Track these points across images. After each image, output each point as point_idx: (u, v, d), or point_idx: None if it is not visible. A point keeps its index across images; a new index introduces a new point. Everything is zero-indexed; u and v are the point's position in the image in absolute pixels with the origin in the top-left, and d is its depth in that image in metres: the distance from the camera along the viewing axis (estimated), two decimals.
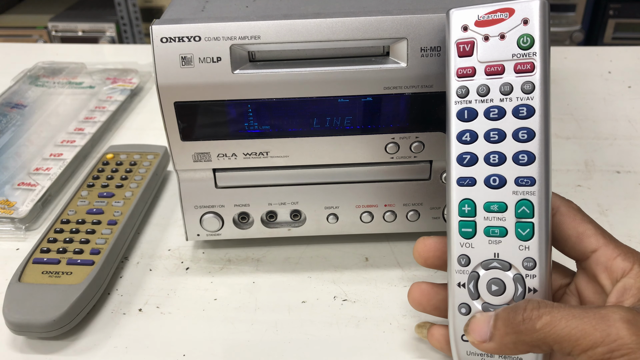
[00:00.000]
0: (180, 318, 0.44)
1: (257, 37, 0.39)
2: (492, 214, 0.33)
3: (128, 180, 0.53)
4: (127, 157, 0.56)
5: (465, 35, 0.33)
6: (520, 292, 0.32)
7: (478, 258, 0.33)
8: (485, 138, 0.33)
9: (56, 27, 1.78)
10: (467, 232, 0.33)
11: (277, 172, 0.44)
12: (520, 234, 0.32)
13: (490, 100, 0.32)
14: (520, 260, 0.32)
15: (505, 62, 0.32)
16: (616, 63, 0.79)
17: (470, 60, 0.33)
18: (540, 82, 0.32)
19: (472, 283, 0.33)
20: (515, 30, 0.32)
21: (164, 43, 0.39)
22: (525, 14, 0.32)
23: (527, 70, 0.32)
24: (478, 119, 0.33)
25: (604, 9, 1.73)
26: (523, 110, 0.32)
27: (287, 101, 0.41)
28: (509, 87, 0.32)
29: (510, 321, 0.29)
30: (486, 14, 0.33)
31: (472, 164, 0.33)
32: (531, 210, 0.32)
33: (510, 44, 0.32)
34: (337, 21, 0.39)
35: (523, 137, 0.32)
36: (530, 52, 0.32)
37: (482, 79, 0.33)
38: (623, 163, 0.59)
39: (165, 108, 0.41)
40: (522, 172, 0.32)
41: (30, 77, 0.76)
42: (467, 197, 0.33)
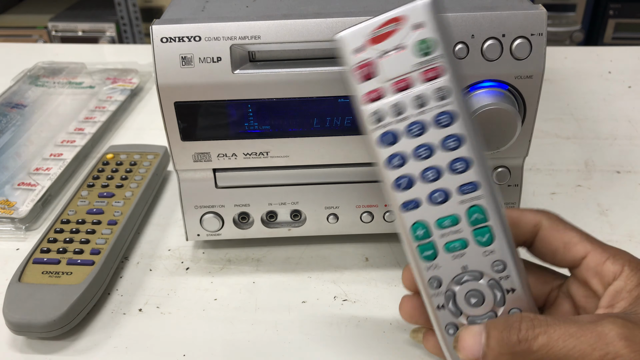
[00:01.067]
0: (180, 318, 0.44)
1: (257, 37, 0.39)
2: (447, 229, 0.31)
3: (128, 180, 0.53)
4: (127, 157, 0.56)
5: (361, 57, 0.30)
6: (500, 297, 0.32)
7: (448, 276, 0.32)
8: (415, 156, 0.31)
9: (56, 27, 1.78)
10: (429, 255, 0.32)
11: (277, 172, 0.44)
12: (480, 241, 0.31)
13: (407, 117, 0.31)
14: (489, 265, 0.32)
15: (411, 74, 0.30)
16: (616, 63, 0.79)
17: (375, 81, 0.31)
18: (453, 84, 0.30)
19: (451, 302, 0.32)
20: (412, 39, 0.30)
21: (164, 43, 0.39)
22: (416, 19, 0.30)
23: (436, 76, 0.30)
24: (401, 139, 0.31)
25: (604, 9, 1.73)
26: (444, 118, 0.30)
27: (287, 101, 0.41)
28: (422, 99, 0.30)
29: (505, 341, 0.29)
30: (376, 29, 0.30)
31: (410, 186, 0.31)
32: (483, 214, 0.31)
33: (410, 54, 0.30)
34: (337, 21, 0.39)
35: (453, 145, 0.30)
36: (434, 57, 0.30)
37: (393, 98, 0.31)
38: (623, 163, 0.59)
39: (165, 108, 0.41)
40: (463, 180, 0.31)
41: (30, 77, 0.76)
42: (417, 220, 0.32)
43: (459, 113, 0.30)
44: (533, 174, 0.58)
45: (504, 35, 0.39)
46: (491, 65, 0.39)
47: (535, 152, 0.60)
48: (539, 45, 0.39)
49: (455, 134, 0.30)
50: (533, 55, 0.39)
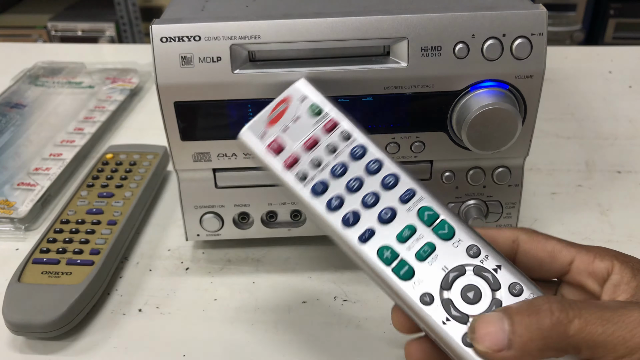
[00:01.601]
0: (180, 318, 0.44)
1: (257, 37, 0.39)
2: (410, 240, 0.31)
3: (128, 180, 0.53)
4: (127, 157, 0.56)
5: (267, 139, 0.34)
6: (492, 278, 0.31)
7: (435, 285, 0.31)
8: (350, 191, 0.33)
9: (55, 26, 1.78)
10: (407, 272, 0.31)
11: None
12: (443, 235, 0.31)
13: (327, 164, 0.33)
14: (464, 254, 0.31)
15: (314, 132, 0.34)
16: (617, 63, 0.79)
17: (287, 151, 0.34)
18: (350, 126, 0.34)
19: (451, 310, 0.30)
20: (303, 108, 0.35)
21: (163, 43, 0.39)
22: (299, 94, 0.35)
23: (334, 125, 0.34)
24: (331, 183, 0.33)
25: (604, 9, 1.73)
26: (357, 150, 0.33)
27: None
28: (332, 146, 0.34)
29: (536, 326, 0.27)
30: (271, 114, 0.35)
31: (358, 219, 0.32)
32: (432, 210, 0.32)
33: (307, 119, 0.35)
34: (337, 21, 0.39)
35: (376, 168, 0.33)
36: (325, 113, 0.35)
37: (308, 155, 0.34)
38: (624, 163, 0.59)
39: (165, 108, 0.41)
40: (399, 191, 0.32)
41: (30, 77, 0.76)
42: (378, 246, 0.32)
43: (367, 143, 0.34)
44: (533, 174, 0.58)
45: (504, 35, 0.38)
46: (491, 65, 0.39)
47: (536, 152, 0.60)
48: (540, 45, 0.39)
49: (373, 159, 0.33)
50: (533, 55, 0.39)
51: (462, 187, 0.45)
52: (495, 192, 0.45)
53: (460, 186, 0.45)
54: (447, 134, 0.42)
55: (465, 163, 0.44)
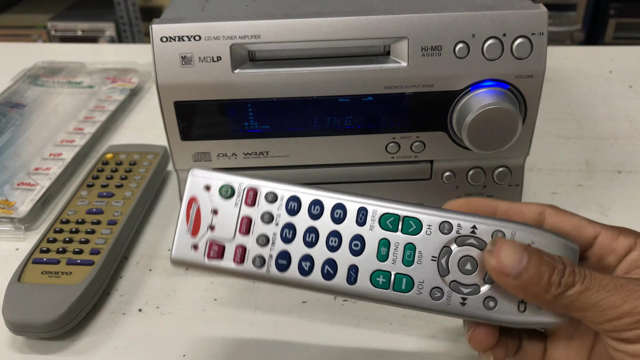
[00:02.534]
0: (180, 318, 0.43)
1: (257, 37, 0.39)
2: (390, 254, 0.31)
3: (128, 180, 0.53)
4: (127, 157, 0.56)
5: (204, 250, 0.32)
6: (474, 240, 0.31)
7: (436, 277, 0.31)
8: (311, 245, 0.32)
9: (55, 26, 1.78)
10: (408, 284, 0.31)
11: (277, 172, 0.44)
12: (414, 230, 0.31)
13: (274, 234, 0.32)
14: (441, 235, 0.31)
15: (241, 213, 0.32)
16: (617, 63, 0.79)
17: (229, 247, 0.32)
18: (269, 185, 0.32)
19: (461, 289, 0.31)
20: (214, 198, 0.32)
21: (163, 42, 0.39)
22: (200, 187, 0.32)
23: (254, 195, 0.32)
24: (290, 249, 0.32)
25: (604, 9, 1.73)
26: (291, 206, 0.32)
27: (287, 101, 0.40)
28: (266, 215, 0.32)
29: (545, 276, 0.28)
30: (188, 225, 0.32)
31: (335, 266, 0.32)
32: (391, 215, 0.32)
33: (225, 205, 0.32)
34: (337, 20, 0.39)
35: (317, 210, 0.32)
36: (238, 189, 0.32)
37: (251, 238, 0.32)
38: (624, 163, 0.59)
39: (165, 108, 0.41)
40: (352, 217, 0.32)
41: (30, 77, 0.76)
42: (369, 277, 0.31)
43: (295, 191, 0.32)
44: (534, 173, 0.58)
45: (504, 34, 0.38)
46: (492, 64, 0.39)
47: (536, 152, 0.60)
48: (540, 44, 0.39)
49: (310, 203, 0.32)
50: (534, 55, 0.39)
51: (462, 187, 0.45)
52: (496, 192, 0.45)
53: (460, 186, 0.45)
54: (447, 133, 0.42)
55: (466, 163, 0.44)
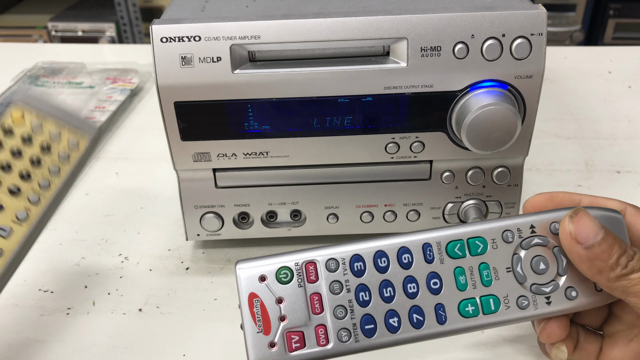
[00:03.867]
0: (180, 318, 0.44)
1: (257, 37, 0.39)
2: (469, 280, 0.31)
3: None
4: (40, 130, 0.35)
5: (283, 344, 0.30)
6: (537, 238, 0.32)
7: (516, 287, 0.32)
8: (389, 300, 0.31)
9: (56, 27, 1.78)
10: (495, 303, 0.31)
11: (277, 172, 0.44)
12: (482, 249, 0.31)
13: (350, 301, 0.30)
14: (506, 245, 0.32)
15: (308, 292, 0.31)
16: (616, 63, 0.79)
17: (308, 332, 0.30)
18: (325, 252, 0.31)
19: (542, 289, 0.32)
20: (273, 287, 0.31)
21: (164, 43, 0.39)
22: (255, 279, 0.31)
23: (315, 268, 0.31)
24: (371, 311, 0.30)
25: (604, 9, 1.73)
26: (356, 266, 0.31)
27: (287, 101, 0.41)
28: (334, 285, 0.30)
29: (615, 255, 0.29)
30: (257, 324, 0.30)
31: (421, 312, 0.31)
32: (455, 241, 0.31)
33: (288, 290, 0.31)
34: (337, 21, 0.39)
35: (384, 263, 0.31)
36: (295, 268, 0.31)
37: (327, 315, 0.30)
38: (623, 163, 0.59)
39: (165, 108, 0.41)
40: (419, 257, 0.31)
41: (30, 77, 0.76)
42: (457, 310, 0.31)
43: (354, 250, 0.31)
44: (533, 173, 0.58)
45: (503, 35, 0.39)
46: (491, 65, 0.39)
47: (536, 152, 0.60)
48: (539, 45, 0.39)
49: (375, 256, 0.31)
50: (533, 55, 0.39)
51: (461, 187, 0.45)
52: (495, 192, 0.45)
53: (459, 186, 0.45)
54: (446, 134, 0.42)
55: (465, 163, 0.44)
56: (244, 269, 0.31)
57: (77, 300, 0.45)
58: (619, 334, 0.34)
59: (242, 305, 0.30)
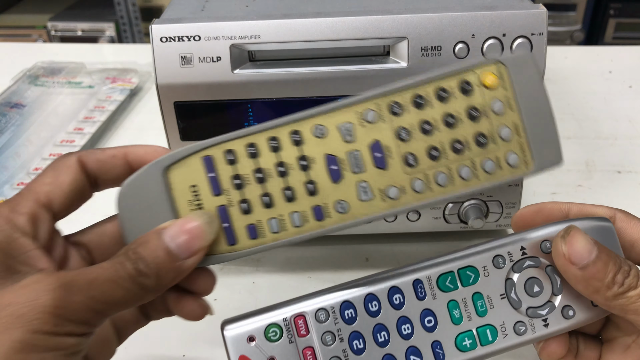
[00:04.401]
0: (180, 318, 0.43)
1: (257, 37, 0.39)
2: (464, 313, 0.31)
3: None
4: None
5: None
6: (529, 260, 0.31)
7: (512, 313, 0.31)
8: (384, 344, 0.30)
9: (55, 26, 1.78)
10: (492, 332, 0.31)
11: None
12: (473, 279, 0.31)
13: (344, 351, 0.30)
14: (498, 272, 0.31)
15: (300, 348, 0.30)
16: (617, 63, 0.79)
17: None
18: (313, 303, 0.31)
19: (538, 312, 0.31)
20: (263, 346, 0.30)
21: (163, 42, 0.39)
22: (243, 339, 0.31)
23: (304, 322, 0.30)
24: (366, 356, 0.30)
25: (604, 9, 1.73)
26: (347, 314, 0.30)
27: (287, 101, 0.40)
28: (326, 336, 0.30)
29: (610, 274, 0.29)
30: None
31: (417, 351, 0.30)
32: (445, 274, 0.31)
33: (279, 348, 0.30)
34: (337, 20, 0.39)
35: (375, 307, 0.30)
36: (285, 325, 0.30)
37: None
38: (624, 163, 0.59)
39: (165, 108, 0.41)
40: (410, 295, 0.31)
41: (30, 77, 0.76)
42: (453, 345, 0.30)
43: (343, 295, 0.30)
44: None
45: (504, 34, 0.38)
46: None
47: None
48: (540, 44, 0.39)
49: (366, 300, 0.30)
50: (533, 55, 0.39)
51: None
52: (495, 192, 0.45)
53: None
54: None
55: None
56: (230, 330, 0.30)
57: None
58: (616, 340, 0.33)
59: None
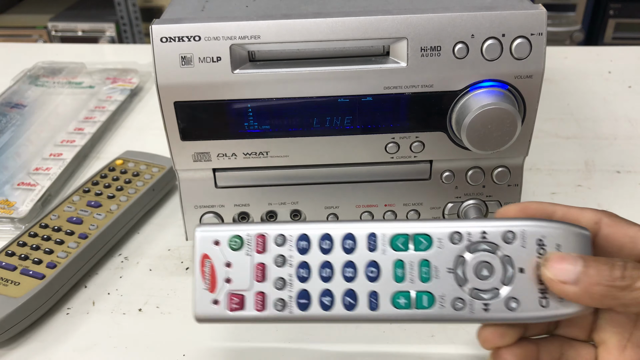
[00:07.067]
0: (180, 318, 0.44)
1: (257, 37, 0.39)
2: (407, 274, 0.32)
3: (122, 191, 0.51)
4: (134, 167, 0.54)
5: (225, 303, 0.33)
6: (486, 244, 0.31)
7: (455, 289, 0.32)
8: (327, 280, 0.32)
9: (56, 27, 1.78)
10: (429, 300, 0.31)
11: (277, 172, 0.44)
12: (426, 247, 0.32)
13: (290, 275, 0.32)
14: (452, 246, 0.32)
15: (254, 261, 0.33)
16: (616, 63, 0.79)
17: (248, 297, 0.33)
18: (275, 227, 0.33)
19: (481, 295, 0.31)
20: (224, 251, 0.33)
21: (163, 43, 0.39)
22: (209, 242, 0.33)
23: (263, 241, 0.33)
24: (308, 287, 0.32)
25: (604, 9, 1.73)
26: (301, 245, 0.33)
27: (287, 101, 0.41)
28: (279, 259, 0.33)
29: (607, 273, 0.28)
30: (204, 281, 0.33)
31: (354, 295, 0.32)
32: (401, 235, 0.32)
33: (237, 256, 0.33)
34: (337, 21, 0.39)
35: (327, 245, 0.32)
36: (246, 238, 0.33)
37: (268, 284, 0.32)
38: (623, 163, 0.59)
39: (165, 108, 0.41)
40: (362, 244, 0.32)
41: (30, 77, 0.76)
42: (390, 300, 0.32)
43: (301, 228, 0.33)
44: (533, 173, 0.58)
45: (503, 35, 0.39)
46: (491, 65, 0.39)
47: (535, 152, 0.60)
48: (539, 45, 0.39)
49: (320, 238, 0.33)
50: (533, 55, 0.39)
51: (461, 187, 0.45)
52: (495, 192, 0.45)
53: (459, 186, 0.45)
54: (446, 134, 0.42)
55: (465, 163, 0.44)
56: (201, 231, 0.33)
57: (76, 301, 0.45)
58: (610, 341, 0.33)
59: (195, 263, 0.33)
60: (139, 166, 0.55)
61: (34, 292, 0.41)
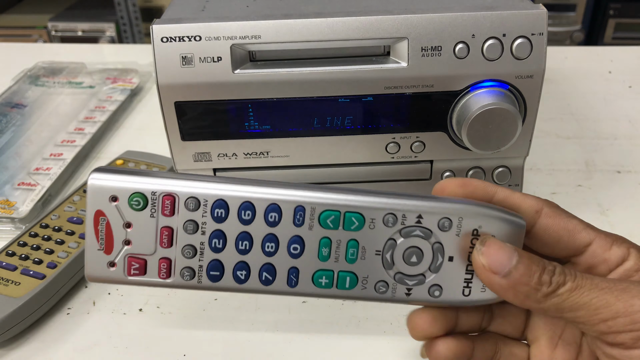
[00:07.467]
0: (180, 318, 0.44)
1: (257, 37, 0.39)
2: (332, 253, 0.30)
3: None
4: (135, 166, 0.54)
5: (123, 267, 0.30)
6: (420, 230, 0.30)
7: (380, 271, 0.30)
8: (244, 252, 0.30)
9: (56, 27, 1.78)
10: (351, 281, 0.30)
11: (277, 172, 0.44)
12: (356, 227, 0.29)
13: (202, 243, 0.29)
14: (384, 228, 0.30)
15: (160, 224, 0.29)
16: (616, 63, 0.79)
17: (152, 261, 0.30)
18: (188, 186, 0.29)
19: (406, 281, 0.31)
20: (124, 210, 0.29)
21: (164, 43, 0.39)
22: (105, 197, 0.29)
23: (172, 202, 0.29)
24: (222, 257, 0.30)
25: (604, 9, 1.73)
26: (217, 212, 0.29)
27: (288, 101, 0.41)
28: (190, 224, 0.29)
29: (535, 274, 0.28)
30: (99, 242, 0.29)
31: (273, 270, 0.30)
32: (331, 212, 0.29)
33: (139, 217, 0.29)
34: (337, 21, 0.39)
35: (249, 214, 0.29)
36: (152, 198, 0.29)
37: (175, 250, 0.29)
38: (624, 163, 0.59)
39: (166, 108, 0.41)
40: (288, 217, 0.29)
41: (30, 77, 0.76)
42: (311, 278, 0.30)
43: (219, 192, 0.29)
44: (533, 173, 0.58)
45: (504, 35, 0.39)
46: (492, 64, 0.39)
47: (536, 152, 0.60)
48: (540, 45, 0.39)
49: (240, 205, 0.29)
50: (533, 55, 0.39)
51: None
52: None
53: None
54: (447, 134, 0.42)
55: (466, 163, 0.44)
56: (96, 179, 0.29)
57: (77, 300, 0.45)
58: (542, 339, 0.32)
59: (87, 219, 0.29)
60: (140, 166, 0.55)
61: (34, 292, 0.41)
